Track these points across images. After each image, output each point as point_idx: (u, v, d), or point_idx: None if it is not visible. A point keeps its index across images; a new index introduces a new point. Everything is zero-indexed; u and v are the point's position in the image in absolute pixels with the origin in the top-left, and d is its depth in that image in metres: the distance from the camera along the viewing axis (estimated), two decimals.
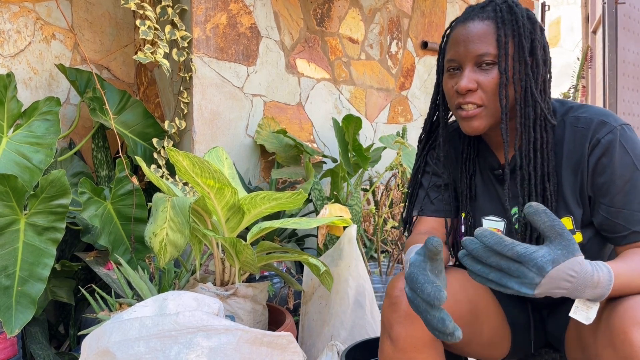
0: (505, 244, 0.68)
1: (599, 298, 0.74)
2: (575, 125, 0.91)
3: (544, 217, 0.69)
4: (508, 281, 0.69)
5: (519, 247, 0.68)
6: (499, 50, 0.88)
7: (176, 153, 1.10)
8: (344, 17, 2.32)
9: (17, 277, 1.29)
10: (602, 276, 0.73)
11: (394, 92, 2.53)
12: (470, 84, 0.89)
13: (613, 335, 0.75)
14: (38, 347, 1.46)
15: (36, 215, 1.34)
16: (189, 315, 0.91)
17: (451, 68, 0.93)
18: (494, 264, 0.69)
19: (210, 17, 1.89)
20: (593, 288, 0.72)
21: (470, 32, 0.90)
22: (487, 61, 0.89)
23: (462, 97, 0.91)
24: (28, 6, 1.82)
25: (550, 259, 0.68)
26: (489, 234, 0.68)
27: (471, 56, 0.90)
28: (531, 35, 0.90)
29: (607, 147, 0.87)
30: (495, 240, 0.68)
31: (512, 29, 0.89)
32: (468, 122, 0.92)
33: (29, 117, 1.54)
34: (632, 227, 0.86)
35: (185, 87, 1.86)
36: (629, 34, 4.42)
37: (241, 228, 1.28)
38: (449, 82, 0.94)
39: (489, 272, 0.70)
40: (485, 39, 0.89)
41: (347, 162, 1.96)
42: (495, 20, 0.90)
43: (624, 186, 0.86)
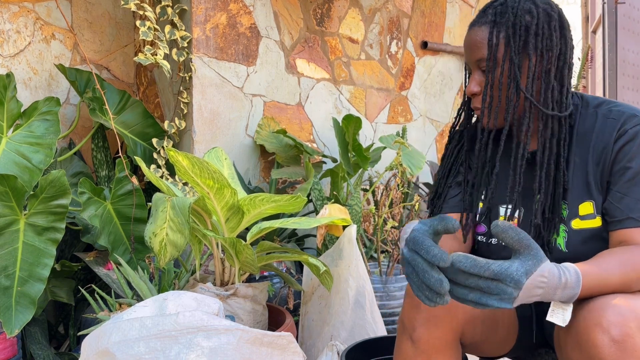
0: (480, 265, 0.70)
1: (571, 299, 0.77)
2: (607, 117, 0.94)
3: (511, 233, 0.72)
4: (487, 299, 0.71)
5: (494, 266, 0.70)
6: (488, 53, 0.93)
7: (176, 153, 1.10)
8: (344, 17, 2.32)
9: (17, 277, 1.28)
10: (570, 277, 0.75)
11: (394, 92, 2.53)
12: (475, 88, 0.96)
13: (578, 337, 0.77)
14: (38, 347, 1.46)
15: (36, 215, 1.34)
16: (189, 315, 0.91)
17: (469, 72, 1.01)
18: (473, 285, 0.71)
19: (210, 17, 1.89)
20: (562, 289, 0.75)
21: (470, 39, 0.97)
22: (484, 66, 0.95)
23: (474, 99, 0.98)
24: (28, 6, 1.82)
25: (523, 271, 0.71)
26: (463, 258, 0.70)
27: (473, 62, 0.97)
28: (526, 32, 0.92)
29: (633, 136, 0.90)
30: (470, 264, 0.70)
31: (505, 30, 0.92)
32: (483, 119, 0.98)
33: (29, 117, 1.54)
34: (630, 213, 0.88)
35: (185, 87, 1.86)
36: (628, 33, 4.42)
37: (241, 228, 1.28)
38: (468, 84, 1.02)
39: (468, 293, 0.72)
40: (481, 44, 0.95)
41: (347, 162, 1.96)
42: (489, 24, 0.94)
43: (636, 175, 0.89)
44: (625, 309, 0.76)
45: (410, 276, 0.74)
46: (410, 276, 0.74)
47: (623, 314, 0.75)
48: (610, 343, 0.73)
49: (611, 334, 0.74)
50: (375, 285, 1.75)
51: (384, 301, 1.81)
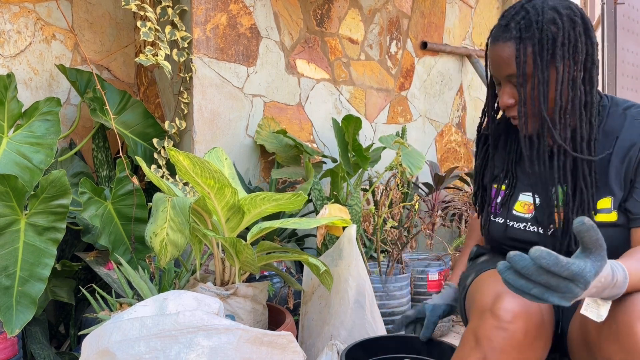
0: (562, 265, 0.68)
1: (614, 297, 0.77)
2: (636, 118, 0.97)
3: (592, 232, 0.70)
4: (550, 296, 0.69)
5: (573, 267, 0.68)
6: (517, 71, 0.95)
7: (176, 153, 1.10)
8: (344, 17, 2.32)
9: (18, 277, 1.29)
10: (619, 276, 0.75)
11: (394, 92, 2.54)
12: (509, 101, 0.99)
13: (619, 329, 0.77)
14: (38, 347, 1.47)
15: (36, 215, 1.34)
16: (189, 315, 0.91)
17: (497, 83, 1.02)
18: (542, 281, 0.69)
19: (211, 17, 1.90)
20: (611, 288, 0.75)
21: (496, 55, 0.98)
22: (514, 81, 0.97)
23: (506, 110, 1.01)
24: (28, 7, 1.83)
25: (594, 272, 0.70)
26: (547, 255, 0.68)
27: (503, 76, 0.98)
28: (553, 44, 0.94)
29: None
30: (552, 261, 0.68)
31: (532, 45, 0.94)
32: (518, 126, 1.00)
33: (30, 118, 1.55)
34: None
35: (186, 88, 1.86)
36: (628, 34, 4.42)
37: (241, 228, 1.28)
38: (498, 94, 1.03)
39: (532, 288, 0.70)
40: (508, 60, 0.96)
41: (347, 162, 1.97)
42: (515, 40, 0.95)
43: None
44: None
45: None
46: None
47: None
48: None
49: None
50: (375, 285, 1.76)
51: (384, 301, 1.81)
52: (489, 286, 0.93)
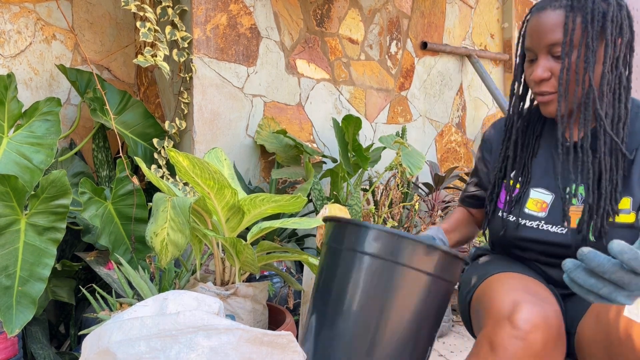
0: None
1: None
2: None
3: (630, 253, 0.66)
4: (617, 295, 0.66)
5: None
6: (564, 37, 0.93)
7: (176, 153, 1.10)
8: (344, 17, 2.32)
9: (18, 277, 1.29)
10: None
11: (394, 92, 2.54)
12: (544, 74, 0.96)
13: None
14: (38, 347, 1.47)
15: (37, 215, 1.35)
16: (190, 314, 0.91)
17: (529, 59, 1.00)
18: (615, 279, 0.66)
19: (211, 17, 1.90)
20: None
21: (542, 23, 0.95)
22: (558, 52, 0.94)
23: (538, 86, 0.97)
24: (28, 7, 1.83)
25: None
26: (628, 249, 0.64)
27: (543, 46, 0.95)
28: (603, 18, 0.93)
29: None
30: (633, 256, 0.64)
31: (581, 15, 0.93)
32: (544, 106, 0.99)
33: (30, 118, 1.55)
34: None
35: (186, 88, 1.86)
36: None
37: (241, 228, 1.28)
38: (528, 69, 1.01)
39: (602, 287, 0.67)
40: (556, 28, 0.94)
41: (347, 162, 1.97)
42: (565, 8, 0.94)
43: None
44: None
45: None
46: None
47: None
48: None
49: None
50: None
51: None
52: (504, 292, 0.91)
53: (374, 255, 0.90)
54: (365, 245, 0.91)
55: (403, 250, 0.89)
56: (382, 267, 0.90)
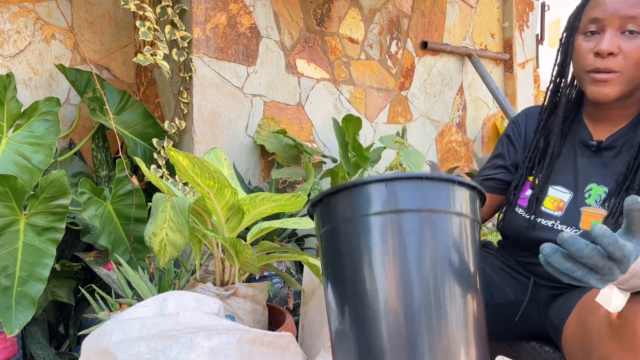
0: (619, 246, 0.65)
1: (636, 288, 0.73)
2: None
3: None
4: (590, 278, 0.67)
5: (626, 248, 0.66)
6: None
7: (176, 153, 1.10)
8: (344, 17, 2.32)
9: (17, 277, 1.29)
10: None
11: (394, 92, 2.53)
12: (614, 48, 0.90)
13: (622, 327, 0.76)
14: (38, 347, 1.46)
15: (36, 215, 1.34)
16: (189, 315, 0.91)
17: (589, 31, 0.93)
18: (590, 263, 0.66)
19: (210, 17, 1.89)
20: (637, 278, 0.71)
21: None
22: (633, 29, 0.89)
23: (602, 60, 0.91)
24: (28, 6, 1.82)
25: (635, 255, 0.67)
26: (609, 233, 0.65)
27: (618, 18, 0.90)
28: None
29: None
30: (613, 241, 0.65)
31: None
32: (601, 87, 0.92)
33: (29, 118, 1.54)
34: None
35: (185, 87, 1.86)
36: None
37: (241, 228, 1.28)
38: (585, 44, 0.94)
39: (576, 270, 0.67)
40: (636, 2, 0.89)
41: (347, 162, 1.97)
42: None
43: None
44: None
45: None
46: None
47: None
48: None
49: None
50: None
51: None
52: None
53: (399, 211, 0.68)
54: (382, 204, 0.69)
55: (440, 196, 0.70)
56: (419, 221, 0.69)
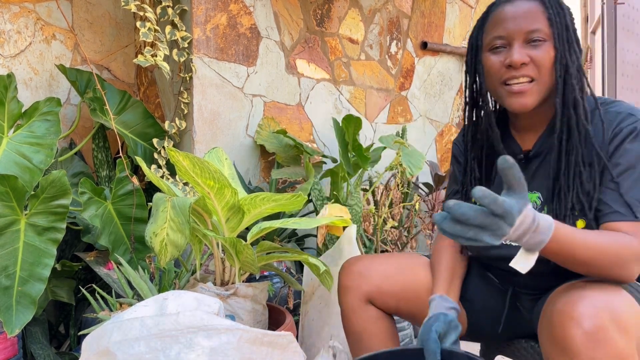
0: (499, 203, 0.70)
1: (538, 245, 0.77)
2: (603, 117, 0.94)
3: (514, 170, 0.73)
4: (482, 235, 0.71)
5: (506, 204, 0.70)
6: (552, 28, 0.92)
7: (176, 153, 1.10)
8: (344, 17, 2.32)
9: (18, 277, 1.29)
10: (542, 222, 0.76)
11: (394, 92, 2.54)
12: (524, 58, 0.92)
13: (552, 330, 0.78)
14: (38, 347, 1.47)
15: (36, 215, 1.34)
16: (190, 315, 0.91)
17: (496, 46, 0.96)
18: (478, 222, 0.70)
19: (211, 17, 1.90)
20: (533, 233, 0.75)
21: (519, 10, 0.94)
22: (538, 37, 0.92)
23: (516, 71, 0.93)
24: (28, 7, 1.83)
25: (518, 209, 0.72)
26: (488, 193, 0.69)
27: (522, 32, 0.93)
28: (571, 18, 0.95)
29: (627, 134, 0.90)
30: (492, 199, 0.69)
31: (556, 10, 0.93)
32: (518, 97, 0.94)
33: (30, 118, 1.55)
34: (617, 207, 0.89)
35: (186, 88, 1.86)
36: (628, 34, 4.42)
37: (241, 228, 1.28)
38: (494, 58, 0.96)
39: (468, 231, 0.71)
40: (536, 16, 0.93)
41: (347, 162, 1.97)
42: (541, 1, 0.94)
43: (625, 171, 0.90)
44: (598, 302, 0.76)
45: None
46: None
47: (596, 306, 0.76)
48: (583, 336, 0.74)
49: (583, 327, 0.74)
50: None
51: None
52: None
53: None
54: None
55: None
56: None
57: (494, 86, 0.98)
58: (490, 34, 0.97)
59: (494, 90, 0.99)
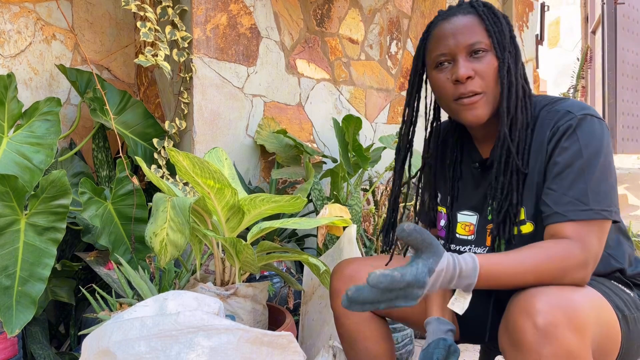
0: (398, 280, 0.73)
1: (468, 287, 0.80)
2: (545, 117, 0.94)
3: (415, 234, 0.76)
4: (396, 303, 0.75)
5: (407, 277, 0.73)
6: (492, 38, 0.93)
7: (176, 153, 1.10)
8: (344, 17, 2.32)
9: (18, 277, 1.29)
10: (465, 267, 0.79)
11: (394, 92, 2.54)
12: (469, 72, 0.92)
13: (507, 322, 0.80)
14: (38, 347, 1.47)
15: (37, 215, 1.34)
16: (190, 315, 0.91)
17: (440, 62, 0.97)
18: (386, 298, 0.74)
19: (211, 17, 1.90)
20: (458, 278, 0.79)
21: (457, 25, 0.95)
22: (480, 49, 0.93)
23: (464, 86, 0.93)
24: (28, 7, 1.83)
25: (426, 271, 0.75)
26: (382, 277, 0.73)
27: (463, 46, 0.93)
28: (508, 26, 0.96)
29: (563, 133, 0.90)
30: (389, 282, 0.73)
31: (493, 20, 0.95)
32: (471, 111, 0.94)
33: (30, 118, 1.55)
34: (556, 208, 0.88)
35: (186, 88, 1.86)
36: (628, 34, 4.42)
37: (241, 228, 1.28)
38: (441, 75, 0.97)
39: (380, 304, 0.75)
40: (473, 29, 0.94)
41: (347, 162, 1.97)
42: (476, 14, 0.95)
43: (563, 170, 0.89)
44: (556, 298, 0.77)
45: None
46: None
47: (551, 303, 0.77)
48: (534, 330, 0.75)
49: (536, 321, 0.75)
50: None
51: None
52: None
53: None
54: None
55: None
56: None
57: (446, 102, 0.99)
58: (433, 52, 0.98)
59: (447, 106, 1.00)
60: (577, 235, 0.85)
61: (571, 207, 0.86)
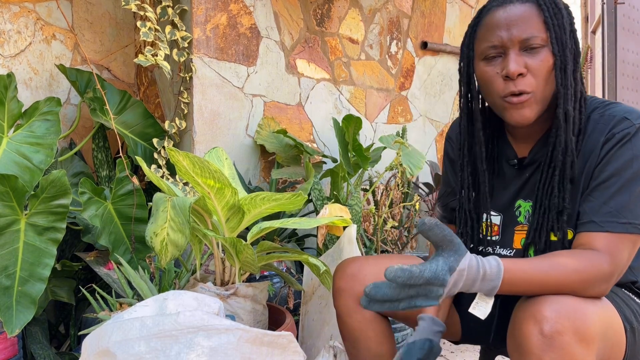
0: (416, 276, 0.71)
1: (491, 291, 0.78)
2: (598, 121, 0.89)
3: (436, 230, 0.74)
4: (416, 302, 0.74)
5: (426, 273, 0.72)
6: (550, 33, 0.86)
7: (176, 153, 1.10)
8: (344, 17, 2.32)
9: (18, 277, 1.29)
10: (489, 269, 0.77)
11: (394, 92, 2.54)
12: (521, 68, 0.86)
13: (514, 326, 0.80)
14: (38, 347, 1.47)
15: (36, 215, 1.34)
16: (190, 315, 0.91)
17: (491, 55, 0.90)
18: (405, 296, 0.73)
19: (211, 17, 1.89)
20: (481, 281, 0.77)
21: (512, 15, 0.87)
22: (535, 44, 0.86)
23: (514, 84, 0.87)
24: (28, 6, 1.83)
25: (447, 269, 0.73)
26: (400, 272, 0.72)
27: (517, 40, 0.86)
28: (569, 19, 0.89)
29: (619, 140, 0.86)
30: (407, 276, 0.72)
31: (554, 12, 0.87)
32: (519, 110, 0.88)
33: (30, 118, 1.55)
34: (594, 217, 0.85)
35: (186, 88, 1.86)
36: (628, 34, 4.42)
37: (241, 228, 1.28)
38: (489, 68, 0.90)
39: (399, 304, 0.74)
40: (530, 21, 0.86)
41: (347, 162, 1.97)
42: (536, 3, 0.88)
43: (609, 178, 0.86)
44: (564, 307, 0.76)
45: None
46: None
47: (560, 311, 0.75)
48: (539, 336, 0.74)
49: (542, 328, 0.75)
50: None
51: None
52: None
53: None
54: None
55: None
56: None
57: (493, 98, 0.92)
58: (483, 42, 0.90)
59: (493, 102, 0.93)
60: (608, 249, 0.82)
61: (609, 217, 0.83)
